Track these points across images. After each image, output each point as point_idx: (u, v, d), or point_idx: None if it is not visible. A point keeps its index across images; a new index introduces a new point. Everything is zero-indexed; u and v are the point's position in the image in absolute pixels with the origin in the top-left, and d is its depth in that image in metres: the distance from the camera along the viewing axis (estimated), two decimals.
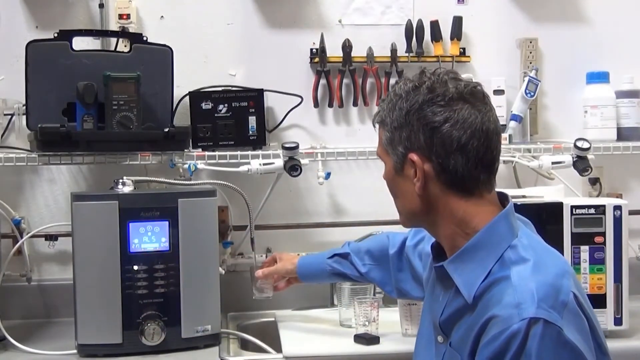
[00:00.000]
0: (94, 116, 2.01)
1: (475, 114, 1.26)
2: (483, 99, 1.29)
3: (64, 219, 2.17)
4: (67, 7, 2.26)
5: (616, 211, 1.92)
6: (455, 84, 1.28)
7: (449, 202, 1.29)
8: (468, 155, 1.25)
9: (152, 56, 2.13)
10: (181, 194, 1.92)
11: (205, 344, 1.90)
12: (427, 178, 1.28)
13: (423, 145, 1.27)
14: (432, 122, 1.26)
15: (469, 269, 1.26)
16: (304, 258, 1.97)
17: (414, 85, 1.29)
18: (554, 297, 1.17)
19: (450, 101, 1.26)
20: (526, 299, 1.16)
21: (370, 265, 1.86)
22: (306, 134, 2.37)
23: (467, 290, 1.25)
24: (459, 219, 1.29)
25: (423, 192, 1.29)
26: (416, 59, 2.36)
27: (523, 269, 1.21)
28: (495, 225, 1.27)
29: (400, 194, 1.36)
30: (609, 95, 2.35)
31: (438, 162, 1.26)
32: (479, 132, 1.26)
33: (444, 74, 1.30)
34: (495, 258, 1.25)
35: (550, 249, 1.30)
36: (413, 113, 1.27)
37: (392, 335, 1.95)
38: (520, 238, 1.27)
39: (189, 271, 1.88)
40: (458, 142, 1.25)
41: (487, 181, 1.29)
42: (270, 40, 2.35)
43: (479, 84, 1.31)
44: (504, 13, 2.44)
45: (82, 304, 1.84)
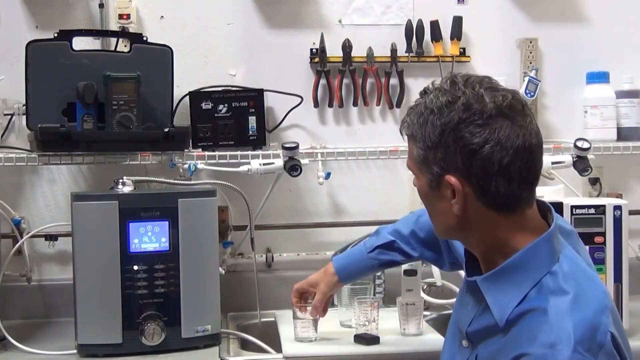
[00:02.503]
0: (94, 116, 2.01)
1: (516, 131, 1.17)
2: (523, 110, 1.20)
3: (64, 219, 2.17)
4: (67, 7, 2.26)
5: (616, 211, 1.92)
6: (493, 97, 1.18)
7: (489, 222, 1.21)
8: (511, 176, 1.17)
9: (152, 56, 2.13)
10: (181, 194, 1.92)
11: (205, 344, 1.90)
12: (466, 200, 1.20)
13: (461, 168, 1.18)
14: (471, 143, 1.17)
15: (503, 290, 1.20)
16: (339, 261, 1.84)
17: (447, 101, 1.19)
18: (591, 338, 1.10)
19: (488, 119, 1.17)
20: (562, 339, 1.09)
21: (421, 248, 1.74)
22: (306, 134, 2.37)
23: (500, 312, 1.19)
24: (499, 238, 1.22)
25: (462, 212, 1.21)
26: (416, 59, 2.37)
27: (561, 303, 1.14)
28: (536, 248, 1.20)
29: (436, 211, 1.29)
30: (609, 95, 2.35)
31: (478, 185, 1.18)
32: (522, 150, 1.17)
33: (479, 84, 1.20)
34: (532, 283, 1.18)
35: (591, 276, 1.22)
36: (449, 133, 1.18)
37: (392, 335, 1.95)
38: (562, 264, 1.19)
39: (189, 271, 1.88)
40: (500, 164, 1.16)
41: (529, 197, 1.22)
42: (270, 40, 2.35)
43: (517, 93, 1.22)
44: (504, 13, 2.44)
45: (82, 304, 1.84)
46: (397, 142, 2.32)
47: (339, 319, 2.09)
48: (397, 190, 2.41)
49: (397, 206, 2.40)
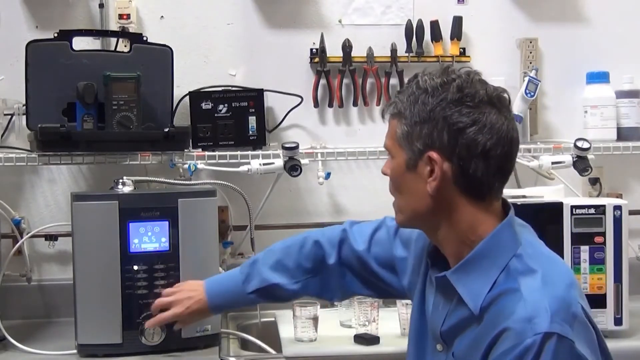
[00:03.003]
0: (94, 116, 2.01)
1: (502, 121, 1.23)
2: (508, 107, 1.26)
3: (64, 219, 2.17)
4: (67, 7, 2.26)
5: (616, 211, 1.92)
6: (484, 86, 1.25)
7: (460, 206, 1.25)
8: (489, 161, 1.22)
9: (152, 56, 2.13)
10: (181, 194, 1.92)
11: (205, 344, 1.90)
12: (444, 179, 1.24)
13: (445, 145, 1.22)
14: (459, 122, 1.22)
15: (473, 279, 1.24)
16: (212, 291, 1.67)
17: (442, 82, 1.25)
18: (566, 310, 1.16)
19: (479, 104, 1.22)
20: (539, 312, 1.14)
21: (305, 281, 1.63)
22: (306, 134, 2.37)
23: (473, 301, 1.23)
24: (467, 225, 1.26)
25: (436, 192, 1.25)
26: (416, 59, 2.37)
27: (532, 281, 1.19)
28: (499, 234, 1.25)
29: (407, 191, 1.31)
30: (609, 95, 2.35)
31: (459, 165, 1.22)
32: (504, 139, 1.23)
33: (472, 73, 1.27)
34: (500, 268, 1.22)
35: (553, 257, 1.28)
36: (439, 111, 1.23)
37: (392, 335, 1.95)
38: (525, 247, 1.25)
39: (189, 271, 1.88)
40: (483, 147, 1.21)
41: (500, 189, 1.27)
42: (270, 40, 2.35)
43: (505, 91, 1.28)
44: (504, 13, 2.44)
45: (82, 304, 1.84)
46: None
47: (339, 319, 2.09)
48: None
49: None
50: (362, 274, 1.60)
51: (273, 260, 1.66)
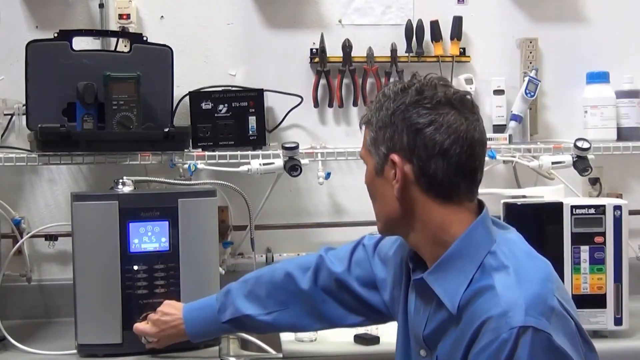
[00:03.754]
0: (94, 116, 2.01)
1: (460, 121, 1.25)
2: (472, 108, 1.28)
3: (64, 219, 2.17)
4: (67, 7, 2.26)
5: (616, 211, 1.92)
6: (445, 90, 1.27)
7: (427, 207, 1.27)
8: (449, 160, 1.24)
9: (152, 56, 2.13)
10: (181, 194, 1.92)
11: (205, 344, 1.90)
12: (406, 180, 1.26)
13: (405, 147, 1.26)
14: (417, 123, 1.25)
15: (449, 279, 1.25)
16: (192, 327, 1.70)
17: (403, 87, 1.29)
18: (542, 303, 1.17)
19: (437, 105, 1.25)
20: (513, 307, 1.15)
21: (277, 313, 1.62)
22: (306, 134, 2.37)
23: (450, 301, 1.24)
24: (437, 226, 1.27)
25: (401, 194, 1.27)
26: (416, 59, 2.37)
27: (505, 277, 1.20)
28: (472, 232, 1.26)
29: (379, 197, 1.33)
30: (609, 95, 2.35)
31: (419, 165, 1.25)
32: (463, 139, 1.24)
33: (436, 79, 1.29)
34: (475, 265, 1.24)
35: (531, 252, 1.29)
36: (399, 113, 1.26)
37: (392, 335, 1.93)
38: (499, 244, 1.26)
39: (189, 271, 1.88)
40: (440, 147, 1.24)
41: (469, 190, 1.28)
42: (270, 40, 2.35)
43: (469, 94, 1.30)
44: (504, 13, 2.44)
45: (82, 304, 1.84)
46: None
47: None
48: None
49: None
50: (345, 299, 1.58)
51: (246, 290, 1.66)
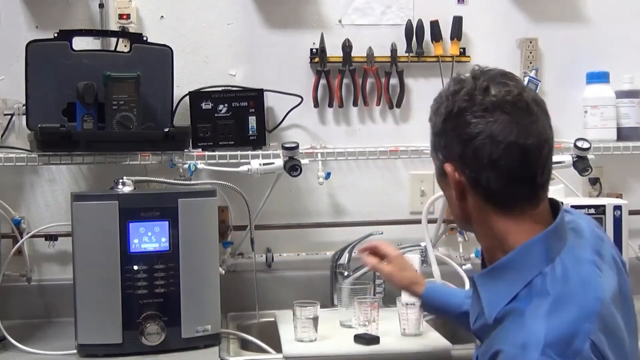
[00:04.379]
0: (94, 116, 2.01)
1: (511, 128, 1.17)
2: (527, 109, 1.19)
3: (64, 219, 2.17)
4: (67, 7, 2.26)
5: (616, 211, 1.92)
6: (497, 91, 1.19)
7: (487, 216, 1.22)
8: (500, 171, 1.17)
9: (152, 56, 2.13)
10: (181, 194, 1.92)
11: (205, 344, 1.90)
12: (463, 190, 1.21)
13: (457, 157, 1.20)
14: (466, 133, 1.18)
15: (496, 288, 1.20)
16: (434, 284, 1.79)
17: (454, 90, 1.22)
18: (566, 343, 1.07)
19: (485, 112, 1.18)
20: (531, 341, 1.08)
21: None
22: (306, 134, 2.37)
23: (489, 310, 1.20)
24: (497, 235, 1.22)
25: (461, 202, 1.23)
26: (416, 59, 2.37)
27: (540, 305, 1.12)
28: (529, 248, 1.18)
29: (447, 199, 1.30)
30: (609, 95, 2.35)
31: (471, 176, 1.19)
32: (514, 147, 1.16)
33: (490, 77, 1.21)
34: (524, 283, 1.17)
35: (587, 280, 1.17)
36: (450, 121, 1.21)
37: (392, 335, 1.95)
38: (556, 265, 1.17)
39: (189, 271, 1.88)
40: (489, 158, 1.17)
41: (530, 196, 1.21)
42: (270, 40, 2.35)
43: (524, 90, 1.21)
44: (504, 13, 2.44)
45: (82, 304, 1.84)
46: (397, 142, 2.33)
47: (339, 319, 2.09)
48: (397, 190, 2.41)
49: (397, 206, 2.40)
50: None
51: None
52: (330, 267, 2.28)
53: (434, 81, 2.39)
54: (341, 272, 2.24)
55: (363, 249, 1.82)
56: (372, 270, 1.78)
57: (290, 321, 1.95)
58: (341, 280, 2.21)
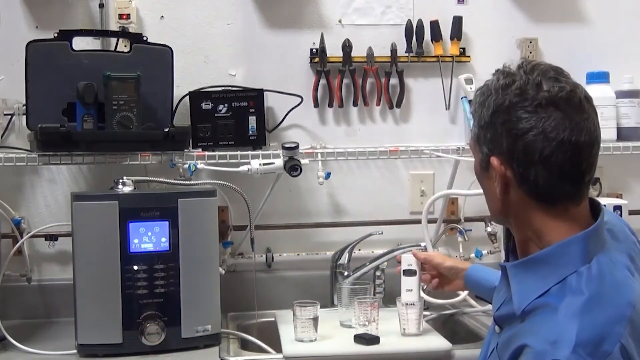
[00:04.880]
0: (94, 116, 2.01)
1: (564, 125, 1.15)
2: (579, 106, 1.18)
3: (64, 219, 2.17)
4: (67, 7, 2.26)
5: (616, 211, 1.92)
6: (550, 87, 1.18)
7: (528, 211, 1.21)
8: (551, 168, 1.16)
9: (152, 56, 2.13)
10: (181, 194, 1.92)
11: (205, 344, 1.90)
12: (508, 184, 1.21)
13: (505, 151, 1.19)
14: (516, 128, 1.17)
15: (528, 280, 1.19)
16: (477, 265, 1.85)
17: (505, 83, 1.20)
18: (596, 344, 1.07)
19: (538, 107, 1.16)
20: (564, 338, 1.07)
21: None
22: (306, 134, 2.37)
23: (519, 301, 1.19)
24: (535, 230, 1.21)
25: (503, 195, 1.22)
26: (416, 59, 2.37)
27: (573, 303, 1.12)
28: (567, 245, 1.18)
29: (486, 191, 1.29)
30: (609, 95, 2.35)
31: (519, 171, 1.18)
32: (567, 144, 1.15)
33: (542, 72, 1.20)
34: (557, 279, 1.16)
35: (621, 284, 1.17)
36: (499, 115, 1.19)
37: (392, 335, 1.95)
38: (592, 266, 1.16)
39: (189, 271, 1.88)
40: (540, 154, 1.16)
41: (575, 194, 1.20)
42: (270, 40, 2.35)
43: (578, 87, 1.21)
44: (504, 13, 2.44)
45: (82, 304, 1.84)
46: (397, 142, 2.33)
47: (339, 319, 2.09)
48: (397, 190, 2.41)
49: (397, 206, 2.40)
50: None
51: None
52: (330, 267, 2.28)
53: (434, 81, 2.39)
54: (341, 272, 2.24)
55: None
56: (425, 261, 1.91)
57: (290, 321, 1.95)
58: (341, 280, 2.21)
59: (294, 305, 1.93)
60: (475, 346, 1.87)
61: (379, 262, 2.19)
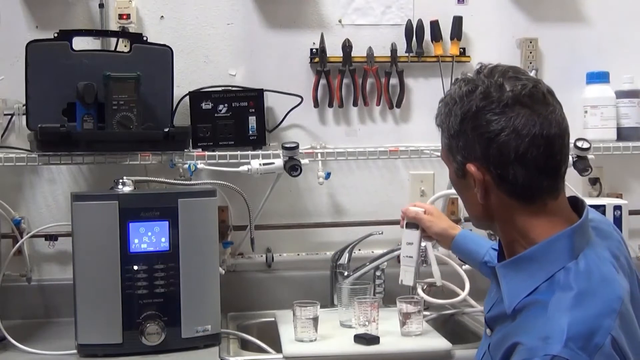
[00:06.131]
0: (94, 116, 2.01)
1: (533, 120, 1.18)
2: (544, 100, 1.21)
3: (64, 219, 2.17)
4: (67, 7, 2.26)
5: (616, 211, 1.92)
6: (513, 86, 1.19)
7: (510, 211, 1.22)
8: (527, 164, 1.18)
9: (152, 56, 2.13)
10: (181, 194, 1.92)
11: (205, 344, 1.90)
12: (487, 188, 1.22)
13: (480, 156, 1.20)
14: (488, 131, 1.18)
15: (517, 280, 1.21)
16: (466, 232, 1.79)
17: (468, 90, 1.22)
18: (587, 338, 1.08)
19: (505, 108, 1.18)
20: (555, 334, 1.08)
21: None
22: (306, 134, 2.37)
23: (509, 300, 1.20)
24: (519, 229, 1.23)
25: (485, 201, 1.23)
26: (416, 59, 2.37)
27: (563, 298, 1.13)
28: (554, 242, 1.20)
29: (464, 199, 1.31)
30: (609, 95, 2.35)
31: (497, 173, 1.19)
32: (539, 138, 1.17)
33: (502, 74, 1.21)
34: (546, 276, 1.18)
35: (608, 278, 1.18)
36: (467, 121, 1.20)
37: (392, 335, 1.95)
38: (579, 261, 1.18)
39: (189, 271, 1.88)
40: (516, 152, 1.17)
41: (552, 187, 1.21)
42: (270, 40, 2.35)
43: (539, 82, 1.23)
44: (504, 13, 2.44)
45: (82, 304, 1.84)
46: (397, 142, 2.33)
47: (339, 319, 2.09)
48: (397, 190, 2.41)
49: (397, 206, 2.37)
50: None
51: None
52: (330, 267, 2.28)
53: (434, 81, 2.39)
54: (341, 272, 2.24)
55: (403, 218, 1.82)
56: (413, 221, 1.79)
57: (290, 321, 1.95)
58: (341, 280, 2.21)
59: (294, 305, 1.93)
60: (475, 346, 1.85)
61: (379, 262, 2.19)
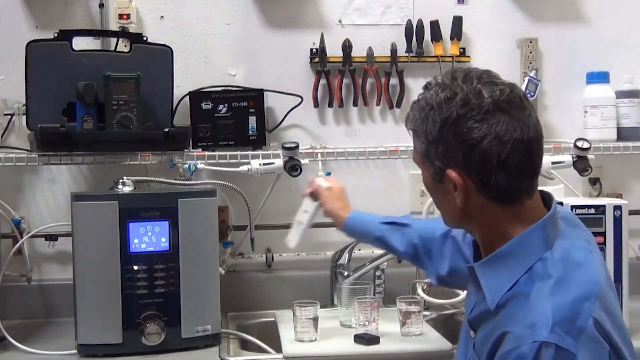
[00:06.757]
0: (94, 116, 2.01)
1: (514, 125, 1.19)
2: (521, 104, 1.22)
3: (64, 219, 2.17)
4: (67, 7, 2.26)
5: (616, 211, 1.92)
6: (491, 92, 1.20)
7: (489, 213, 1.24)
8: (509, 169, 1.20)
9: (152, 56, 2.13)
10: (181, 194, 1.92)
11: (205, 344, 1.90)
12: (468, 192, 1.23)
13: (461, 162, 1.21)
14: (470, 139, 1.19)
15: (496, 276, 1.23)
16: (356, 213, 1.85)
17: (446, 97, 1.22)
18: (571, 321, 1.12)
19: (486, 114, 1.19)
20: (540, 320, 1.12)
21: (412, 244, 1.71)
22: (306, 134, 2.37)
23: (492, 296, 1.22)
24: (497, 228, 1.25)
25: (464, 204, 1.24)
26: (416, 59, 2.37)
27: (543, 287, 1.16)
28: (528, 235, 1.23)
29: (440, 203, 1.32)
30: (609, 95, 2.35)
31: (479, 179, 1.21)
32: (519, 143, 1.19)
33: (478, 80, 1.23)
34: (524, 269, 1.21)
35: (583, 263, 1.22)
36: (448, 128, 1.21)
37: (392, 335, 1.95)
38: (554, 251, 1.21)
39: (189, 271, 1.89)
40: (498, 159, 1.19)
41: (530, 188, 1.24)
42: (270, 40, 2.35)
43: (515, 86, 1.25)
44: (504, 13, 2.44)
45: (82, 304, 1.85)
46: (397, 142, 2.33)
47: (339, 319, 2.09)
48: (397, 190, 2.41)
49: (397, 206, 2.39)
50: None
51: (417, 220, 1.83)
52: (330, 267, 2.28)
53: None
54: (341, 272, 2.24)
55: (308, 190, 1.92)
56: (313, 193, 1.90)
57: (290, 321, 1.95)
58: (341, 280, 2.21)
59: (294, 305, 1.93)
60: None
61: (379, 262, 2.19)
